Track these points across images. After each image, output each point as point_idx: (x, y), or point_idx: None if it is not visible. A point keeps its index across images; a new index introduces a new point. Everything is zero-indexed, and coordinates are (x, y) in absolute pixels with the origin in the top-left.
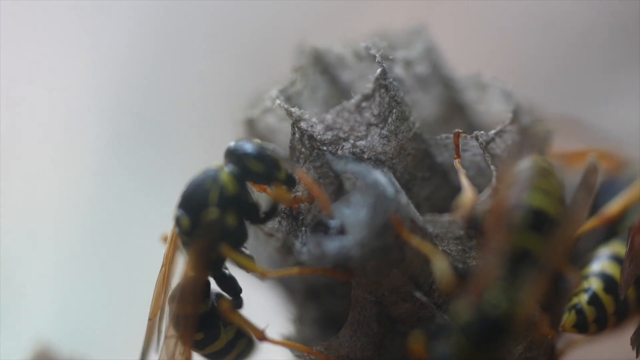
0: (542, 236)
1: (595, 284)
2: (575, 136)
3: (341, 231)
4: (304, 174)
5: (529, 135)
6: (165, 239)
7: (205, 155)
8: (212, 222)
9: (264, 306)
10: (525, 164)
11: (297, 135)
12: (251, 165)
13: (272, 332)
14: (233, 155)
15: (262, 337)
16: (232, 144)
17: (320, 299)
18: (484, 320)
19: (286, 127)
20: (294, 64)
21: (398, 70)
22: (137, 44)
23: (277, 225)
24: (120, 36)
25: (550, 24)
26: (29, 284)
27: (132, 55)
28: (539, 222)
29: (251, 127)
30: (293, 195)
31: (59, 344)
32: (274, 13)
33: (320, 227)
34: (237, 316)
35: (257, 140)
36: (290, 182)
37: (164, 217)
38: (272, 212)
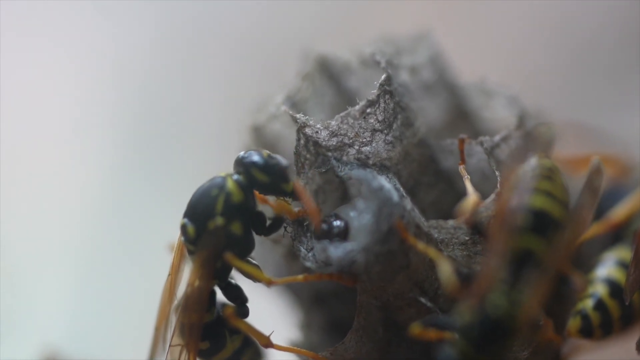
0: (545, 238)
1: (600, 289)
2: (583, 142)
3: (345, 232)
4: (299, 186)
5: (532, 137)
6: (172, 248)
7: (219, 164)
8: (217, 230)
9: (270, 312)
10: (528, 166)
11: (302, 142)
12: (257, 176)
13: (279, 338)
14: (240, 164)
15: (268, 343)
16: (240, 153)
17: (327, 305)
18: (484, 323)
19: (292, 133)
20: (299, 70)
21: (404, 76)
22: (150, 51)
23: (282, 232)
24: (134, 45)
25: (558, 29)
26: (40, 291)
27: (143, 64)
28: (542, 224)
29: (258, 134)
30: (299, 209)
31: (68, 350)
32: (287, 22)
33: (324, 227)
34: (242, 323)
35: (267, 151)
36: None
37: (176, 225)
38: (275, 225)
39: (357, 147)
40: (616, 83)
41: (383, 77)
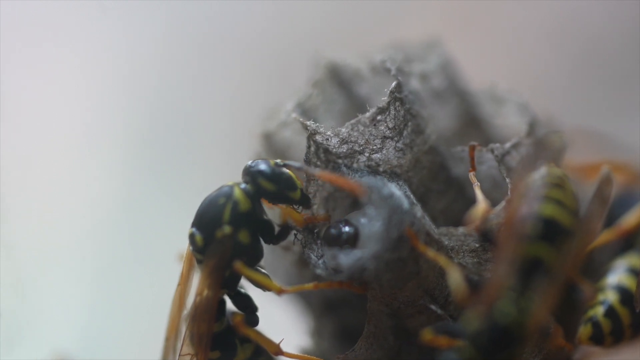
0: (554, 246)
1: (611, 296)
2: (593, 148)
3: (355, 240)
4: (322, 172)
5: (543, 145)
6: (181, 258)
7: (230, 171)
8: (224, 239)
9: (281, 319)
10: (538, 174)
11: (312, 149)
12: (264, 184)
13: (290, 345)
14: (248, 173)
15: (277, 351)
16: (249, 162)
17: (337, 312)
18: (492, 330)
19: (302, 141)
20: (310, 77)
21: (414, 83)
22: (160, 59)
23: (293, 239)
24: (144, 52)
25: (566, 35)
26: (51, 297)
27: (153, 71)
28: (551, 231)
29: (268, 141)
30: (309, 215)
31: (78, 357)
32: (298, 29)
33: (333, 232)
34: (251, 331)
35: (274, 160)
36: (305, 202)
37: (187, 234)
38: (283, 233)
39: (367, 154)
40: (623, 89)
41: (393, 84)
